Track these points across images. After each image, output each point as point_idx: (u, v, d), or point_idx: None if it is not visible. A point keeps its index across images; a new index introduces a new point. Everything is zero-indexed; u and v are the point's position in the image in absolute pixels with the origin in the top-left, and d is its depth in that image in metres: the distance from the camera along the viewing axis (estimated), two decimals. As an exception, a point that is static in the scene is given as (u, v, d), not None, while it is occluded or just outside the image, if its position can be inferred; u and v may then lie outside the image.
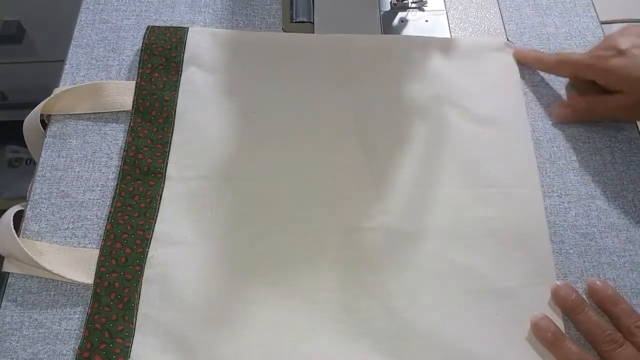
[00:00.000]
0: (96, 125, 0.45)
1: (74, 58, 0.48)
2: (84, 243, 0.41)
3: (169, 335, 0.37)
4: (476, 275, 0.40)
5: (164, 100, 0.45)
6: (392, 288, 0.39)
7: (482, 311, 0.39)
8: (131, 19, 0.51)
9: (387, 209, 0.42)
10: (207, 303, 0.38)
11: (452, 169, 0.44)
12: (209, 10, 0.52)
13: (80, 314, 0.38)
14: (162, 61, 0.47)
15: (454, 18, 0.53)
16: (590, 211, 0.44)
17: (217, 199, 0.42)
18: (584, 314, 0.38)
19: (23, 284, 0.39)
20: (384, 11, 0.53)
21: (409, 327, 0.38)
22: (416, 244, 0.41)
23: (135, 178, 0.42)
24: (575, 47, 0.51)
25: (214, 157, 0.44)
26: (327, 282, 0.39)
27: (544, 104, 0.48)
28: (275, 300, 0.39)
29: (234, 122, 0.45)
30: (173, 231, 0.40)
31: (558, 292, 0.39)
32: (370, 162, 0.44)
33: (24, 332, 0.37)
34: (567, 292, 0.39)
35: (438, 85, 0.47)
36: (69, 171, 0.43)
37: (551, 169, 0.45)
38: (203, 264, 0.39)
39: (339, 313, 0.38)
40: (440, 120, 0.46)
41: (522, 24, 0.53)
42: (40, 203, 0.42)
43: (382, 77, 0.48)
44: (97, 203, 0.42)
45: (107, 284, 0.38)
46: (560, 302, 0.39)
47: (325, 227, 0.41)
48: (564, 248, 0.42)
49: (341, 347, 0.37)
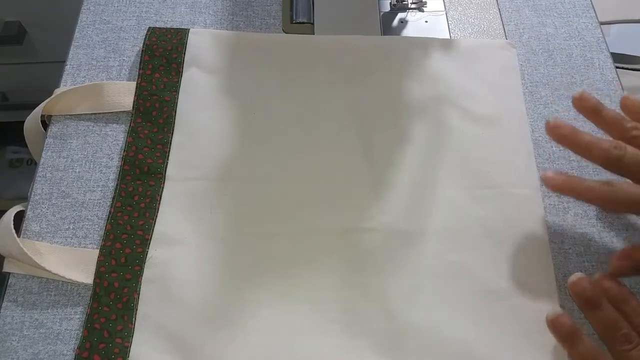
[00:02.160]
0: (97, 126, 0.46)
1: (75, 59, 0.48)
2: (85, 243, 0.41)
3: (168, 335, 0.37)
4: (475, 276, 0.40)
5: (165, 100, 0.46)
6: (391, 288, 0.39)
7: (482, 311, 0.39)
8: (132, 20, 0.51)
9: (386, 210, 0.42)
10: (206, 303, 0.38)
11: (451, 169, 0.44)
12: (209, 11, 0.52)
13: (81, 314, 0.38)
14: (163, 62, 0.47)
15: (453, 19, 0.53)
16: (589, 211, 0.44)
17: (216, 199, 0.42)
18: (599, 310, 0.37)
19: (24, 284, 0.39)
20: (383, 12, 0.53)
21: (407, 328, 0.38)
22: (415, 245, 0.41)
23: (135, 178, 0.42)
24: (575, 47, 0.52)
25: (214, 157, 0.44)
26: (326, 282, 0.40)
27: (543, 104, 0.49)
28: (274, 300, 0.39)
29: (234, 123, 0.45)
30: (173, 231, 0.40)
31: (575, 285, 0.38)
32: (370, 163, 0.44)
33: (24, 332, 0.38)
34: (584, 285, 0.38)
35: (438, 86, 0.48)
36: (69, 172, 0.43)
37: (551, 169, 0.45)
38: (202, 264, 0.40)
39: (338, 313, 0.39)
40: (440, 121, 0.46)
41: (521, 24, 0.53)
42: (40, 203, 0.42)
43: (382, 78, 0.48)
44: (98, 203, 0.42)
45: (107, 284, 0.38)
46: (576, 295, 0.38)
47: (325, 227, 0.41)
48: (564, 248, 0.42)
49: (340, 347, 0.37)
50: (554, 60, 0.51)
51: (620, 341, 0.36)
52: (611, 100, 0.49)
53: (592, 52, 0.51)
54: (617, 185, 0.38)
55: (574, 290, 0.38)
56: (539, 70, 0.50)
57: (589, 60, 0.51)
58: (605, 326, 0.37)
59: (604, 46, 0.52)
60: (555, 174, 0.40)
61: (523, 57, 0.51)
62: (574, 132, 0.39)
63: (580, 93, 0.40)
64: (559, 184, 0.40)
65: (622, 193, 0.37)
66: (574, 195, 0.41)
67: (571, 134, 0.39)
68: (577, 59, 0.51)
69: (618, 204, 0.38)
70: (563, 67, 0.50)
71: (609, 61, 0.51)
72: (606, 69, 0.51)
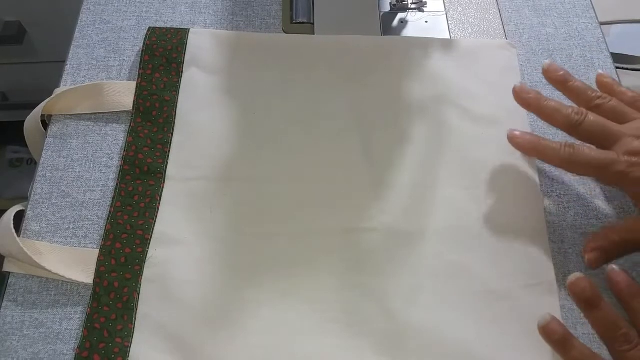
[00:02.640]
0: (97, 126, 0.46)
1: (75, 59, 0.49)
2: (85, 243, 0.41)
3: (168, 335, 0.37)
4: (475, 276, 0.40)
5: (165, 100, 0.46)
6: (391, 288, 0.39)
7: (481, 312, 0.39)
8: (132, 20, 0.51)
9: (386, 210, 0.42)
10: (206, 303, 0.38)
11: (451, 169, 0.44)
12: (209, 11, 0.52)
13: (81, 314, 0.38)
14: (163, 62, 0.47)
15: (453, 19, 0.53)
16: (589, 211, 0.44)
17: (216, 199, 0.42)
18: (599, 310, 0.37)
19: (24, 284, 0.39)
20: (383, 12, 0.53)
21: (408, 328, 0.38)
22: (415, 245, 0.41)
23: (135, 178, 0.42)
24: (575, 47, 0.52)
25: (214, 157, 0.44)
26: (326, 282, 0.40)
27: (543, 104, 0.49)
28: (274, 300, 0.39)
29: (234, 123, 0.45)
30: (172, 231, 0.40)
31: (574, 285, 0.38)
32: (370, 163, 0.44)
33: (24, 331, 0.38)
34: (584, 285, 0.38)
35: (438, 86, 0.48)
36: (69, 171, 0.43)
37: (550, 169, 0.45)
38: (202, 264, 0.40)
39: (338, 313, 0.39)
40: (440, 121, 0.46)
41: (521, 24, 0.53)
42: (40, 203, 0.42)
43: (382, 78, 0.48)
44: (98, 203, 0.42)
45: (107, 284, 0.38)
46: (576, 295, 0.38)
47: (325, 227, 0.41)
48: (564, 248, 0.42)
49: (340, 347, 0.37)
50: (554, 60, 0.51)
51: (619, 341, 0.36)
52: (611, 100, 0.49)
53: (592, 52, 0.51)
54: (578, 148, 0.39)
55: (573, 291, 0.38)
56: (539, 70, 0.50)
57: (589, 60, 0.51)
58: (605, 326, 0.37)
59: (604, 46, 0.52)
60: (521, 133, 0.42)
61: (523, 57, 0.51)
62: (539, 98, 0.42)
63: (548, 64, 0.43)
64: (523, 143, 0.42)
65: (582, 156, 0.39)
66: (537, 156, 0.43)
67: (536, 100, 0.42)
68: (577, 59, 0.51)
69: (578, 166, 0.40)
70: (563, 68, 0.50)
71: (609, 61, 0.51)
72: (606, 69, 0.51)
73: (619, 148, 0.38)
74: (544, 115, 0.42)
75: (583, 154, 0.39)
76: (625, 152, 0.38)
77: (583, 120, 0.40)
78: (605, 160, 0.38)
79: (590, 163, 0.39)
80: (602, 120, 0.40)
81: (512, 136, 0.42)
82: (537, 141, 0.41)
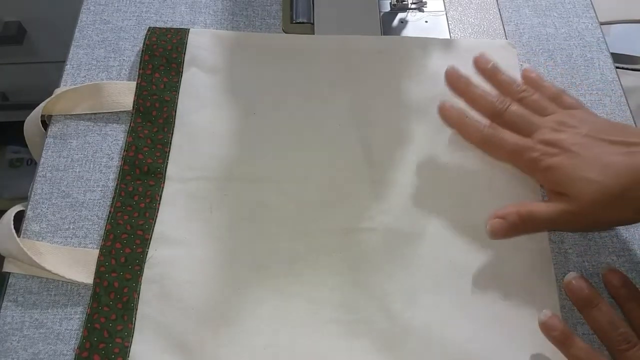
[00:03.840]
0: (97, 126, 0.46)
1: (75, 59, 0.49)
2: (85, 243, 0.41)
3: (168, 335, 0.37)
4: (475, 276, 0.40)
5: (165, 100, 0.46)
6: (391, 288, 0.39)
7: (481, 311, 0.39)
8: (132, 20, 0.51)
9: (386, 210, 0.42)
10: (206, 303, 0.38)
11: (451, 168, 0.44)
12: (209, 11, 0.52)
13: (81, 314, 0.38)
14: (163, 62, 0.47)
15: (453, 19, 0.53)
16: (589, 211, 0.44)
17: (216, 199, 0.42)
18: (597, 309, 0.37)
19: (24, 284, 0.39)
20: (383, 12, 0.53)
21: (408, 328, 0.38)
22: (415, 244, 0.41)
23: (135, 178, 0.42)
24: (575, 47, 0.52)
25: (214, 157, 0.44)
26: (326, 282, 0.40)
27: (543, 104, 0.49)
28: (274, 300, 0.39)
29: (234, 123, 0.45)
30: (172, 231, 0.40)
31: (571, 285, 0.38)
32: (370, 163, 0.44)
33: (24, 332, 0.38)
34: (581, 284, 0.38)
35: (438, 86, 0.47)
36: (69, 171, 0.43)
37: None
38: (202, 264, 0.40)
39: (338, 313, 0.39)
40: (439, 121, 0.46)
41: (521, 24, 0.53)
42: (40, 203, 0.42)
43: (382, 78, 0.48)
44: (98, 203, 0.42)
45: (107, 284, 0.38)
46: (573, 295, 0.38)
47: (325, 227, 0.41)
48: (564, 248, 0.42)
49: (340, 348, 0.37)
50: (554, 60, 0.51)
51: (618, 341, 0.36)
52: (611, 100, 0.49)
53: (592, 52, 0.51)
54: (500, 130, 0.41)
55: (569, 290, 0.38)
56: (539, 70, 0.50)
57: (589, 60, 0.51)
58: (603, 326, 0.37)
59: (604, 46, 0.52)
60: (450, 105, 0.44)
61: (523, 57, 0.51)
62: (467, 83, 0.43)
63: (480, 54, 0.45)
64: (450, 115, 0.44)
65: (501, 139, 0.41)
66: (460, 131, 0.44)
67: (465, 85, 0.43)
68: (577, 59, 0.51)
69: (496, 148, 0.42)
70: (563, 68, 0.51)
71: (609, 61, 0.51)
72: (606, 69, 0.51)
73: (535, 137, 0.40)
74: (469, 100, 0.43)
75: (503, 136, 0.41)
76: (540, 141, 0.40)
77: (506, 108, 0.41)
78: (522, 146, 0.40)
79: (507, 146, 0.41)
80: (524, 111, 0.42)
81: (441, 107, 0.44)
82: (462, 116, 0.43)
